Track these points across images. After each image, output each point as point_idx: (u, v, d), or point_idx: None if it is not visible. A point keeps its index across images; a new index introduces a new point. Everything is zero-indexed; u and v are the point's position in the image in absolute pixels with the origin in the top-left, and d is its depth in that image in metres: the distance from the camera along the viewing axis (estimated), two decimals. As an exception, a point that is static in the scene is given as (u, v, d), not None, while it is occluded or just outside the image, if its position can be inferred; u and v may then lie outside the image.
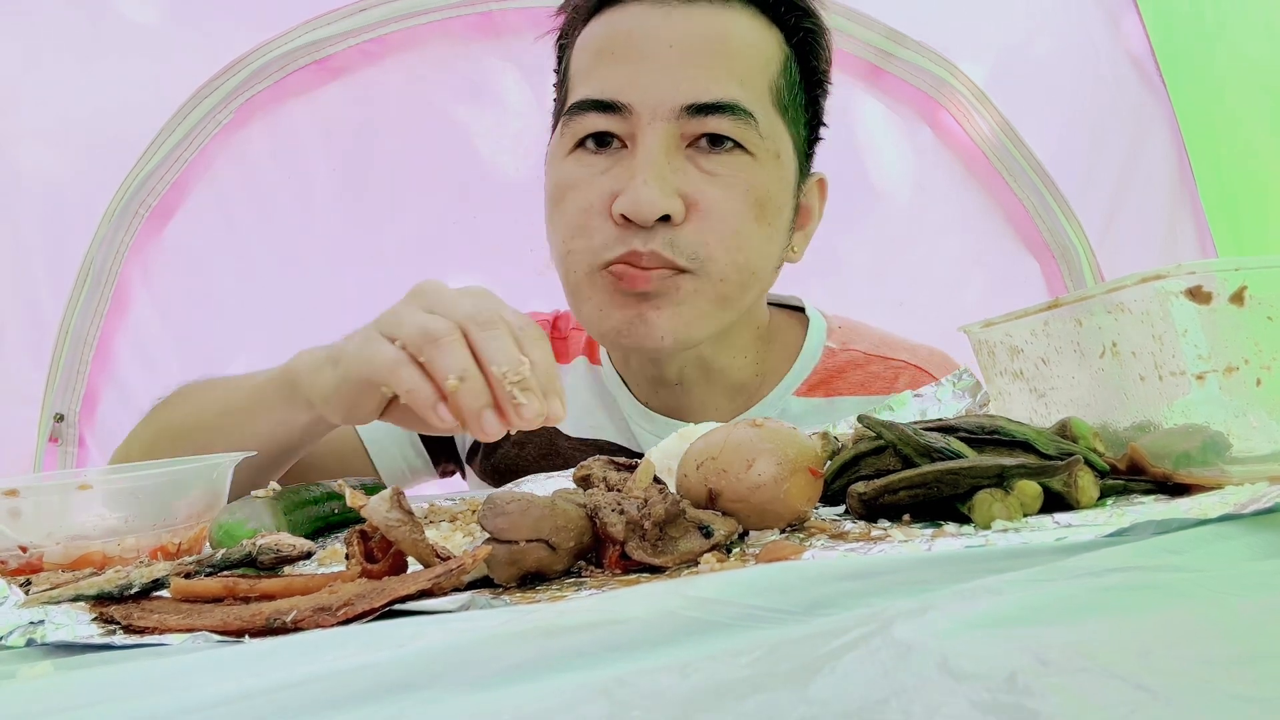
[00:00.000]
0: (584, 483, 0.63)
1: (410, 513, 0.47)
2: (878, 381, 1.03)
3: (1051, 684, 0.25)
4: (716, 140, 0.87)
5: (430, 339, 0.60)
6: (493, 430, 0.59)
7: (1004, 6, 1.95)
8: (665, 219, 0.85)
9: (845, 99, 1.92)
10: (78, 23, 1.80)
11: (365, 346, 0.64)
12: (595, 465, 0.65)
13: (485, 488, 1.10)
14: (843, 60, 1.91)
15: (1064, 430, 0.58)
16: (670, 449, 0.64)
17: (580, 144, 0.90)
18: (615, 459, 0.67)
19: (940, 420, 0.62)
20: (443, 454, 1.14)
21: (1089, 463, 0.54)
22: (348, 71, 1.89)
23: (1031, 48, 1.94)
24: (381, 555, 0.47)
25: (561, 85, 0.97)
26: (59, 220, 1.85)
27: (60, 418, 1.85)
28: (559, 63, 0.98)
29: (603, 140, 0.89)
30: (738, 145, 0.87)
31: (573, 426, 1.07)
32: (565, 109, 0.91)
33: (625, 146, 0.88)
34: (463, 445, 1.14)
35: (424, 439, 1.12)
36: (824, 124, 1.00)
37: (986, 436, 0.57)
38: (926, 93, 1.92)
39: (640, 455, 0.90)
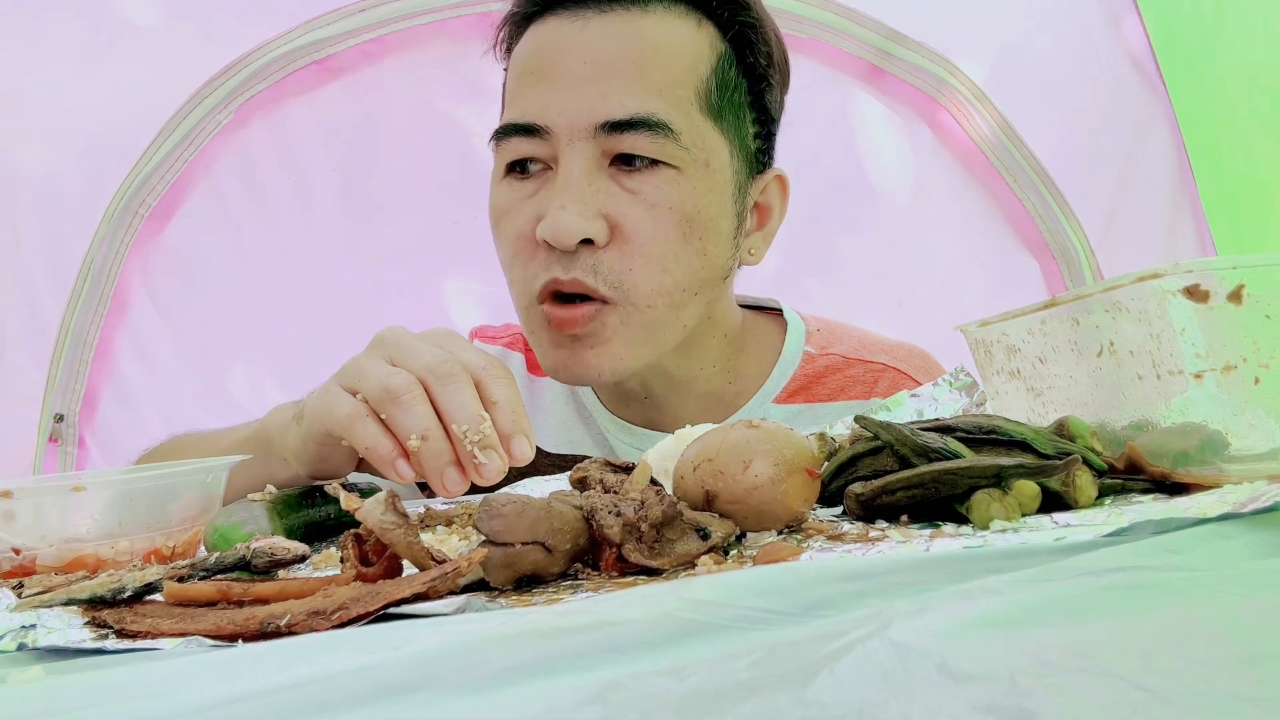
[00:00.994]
0: (581, 485, 0.63)
1: (405, 515, 0.47)
2: (857, 386, 1.02)
3: (1051, 684, 0.25)
4: (635, 159, 0.85)
5: (392, 396, 0.60)
6: (455, 488, 0.60)
7: (1004, 6, 1.95)
8: (588, 242, 0.84)
9: (845, 99, 1.92)
10: (78, 23, 1.80)
11: (325, 400, 0.65)
12: (592, 467, 0.65)
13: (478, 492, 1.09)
14: (842, 60, 1.91)
15: (1062, 430, 0.58)
16: (667, 450, 0.64)
17: (510, 169, 0.90)
18: (612, 461, 0.67)
19: (937, 420, 0.62)
20: None
21: (1087, 462, 0.54)
22: (348, 71, 1.89)
23: (1031, 47, 1.94)
24: (376, 558, 0.47)
25: (502, 101, 0.95)
26: (59, 220, 1.85)
27: (60, 418, 1.85)
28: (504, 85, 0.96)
29: (526, 166, 0.88)
30: (658, 161, 0.85)
31: (551, 442, 1.05)
32: (493, 132, 0.90)
33: (550, 169, 0.87)
34: None
35: None
36: (774, 119, 0.96)
37: (984, 436, 0.57)
38: (926, 93, 1.91)
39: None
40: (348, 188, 1.93)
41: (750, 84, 0.92)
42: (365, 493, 0.69)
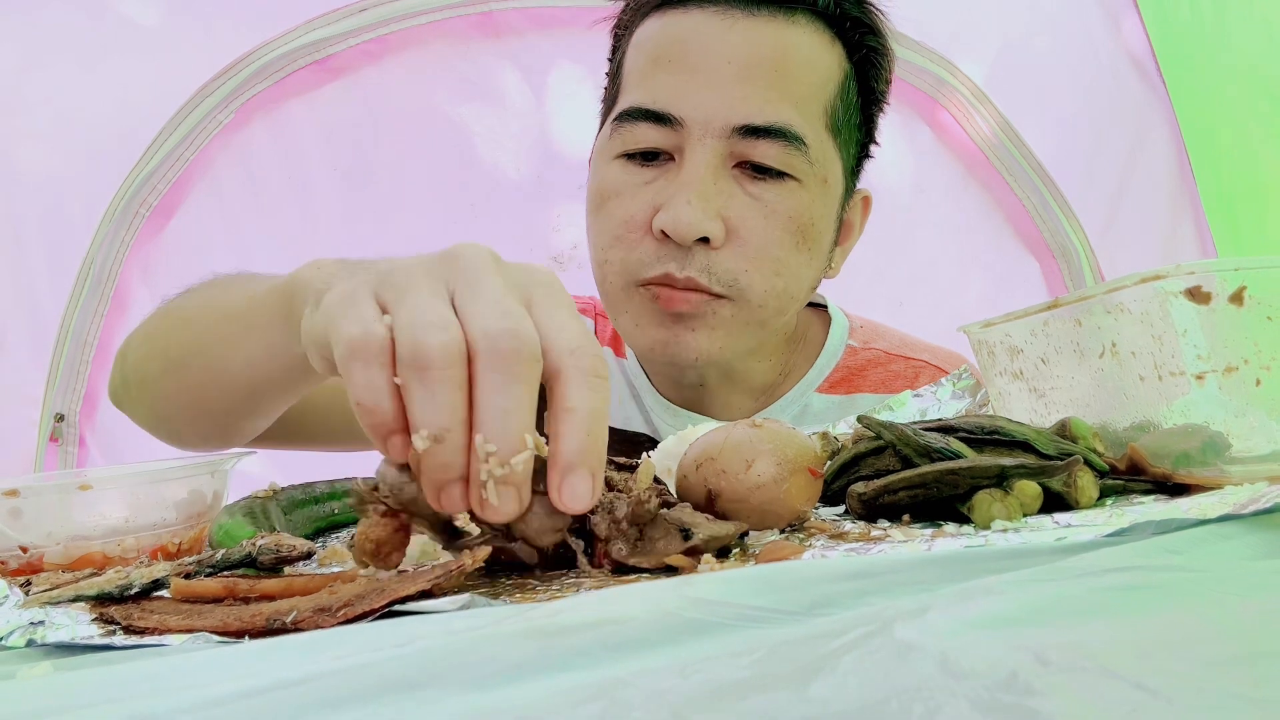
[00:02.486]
0: None
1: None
2: (899, 380, 1.04)
3: (1052, 684, 0.25)
4: (763, 169, 0.86)
5: (419, 363, 0.41)
6: (448, 507, 0.43)
7: (1003, 6, 1.95)
8: (704, 240, 0.85)
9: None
10: (78, 23, 1.81)
11: (345, 302, 0.46)
12: None
13: None
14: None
15: (1063, 430, 0.58)
16: (669, 450, 0.64)
17: (627, 154, 0.89)
18: (616, 459, 0.67)
19: (940, 420, 0.62)
20: None
21: (1089, 463, 0.54)
22: (348, 71, 1.89)
23: (1031, 47, 1.94)
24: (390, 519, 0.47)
25: (614, 78, 0.95)
26: (59, 220, 1.85)
27: (61, 417, 1.85)
28: (613, 52, 0.96)
29: (650, 155, 0.88)
30: (784, 172, 0.86)
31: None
32: (616, 112, 0.90)
33: (672, 159, 0.87)
34: None
35: None
36: (875, 142, 0.99)
37: (986, 437, 0.57)
38: (926, 92, 1.92)
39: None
40: (347, 187, 1.93)
41: (864, 106, 0.93)
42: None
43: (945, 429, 0.59)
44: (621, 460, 0.66)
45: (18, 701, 0.30)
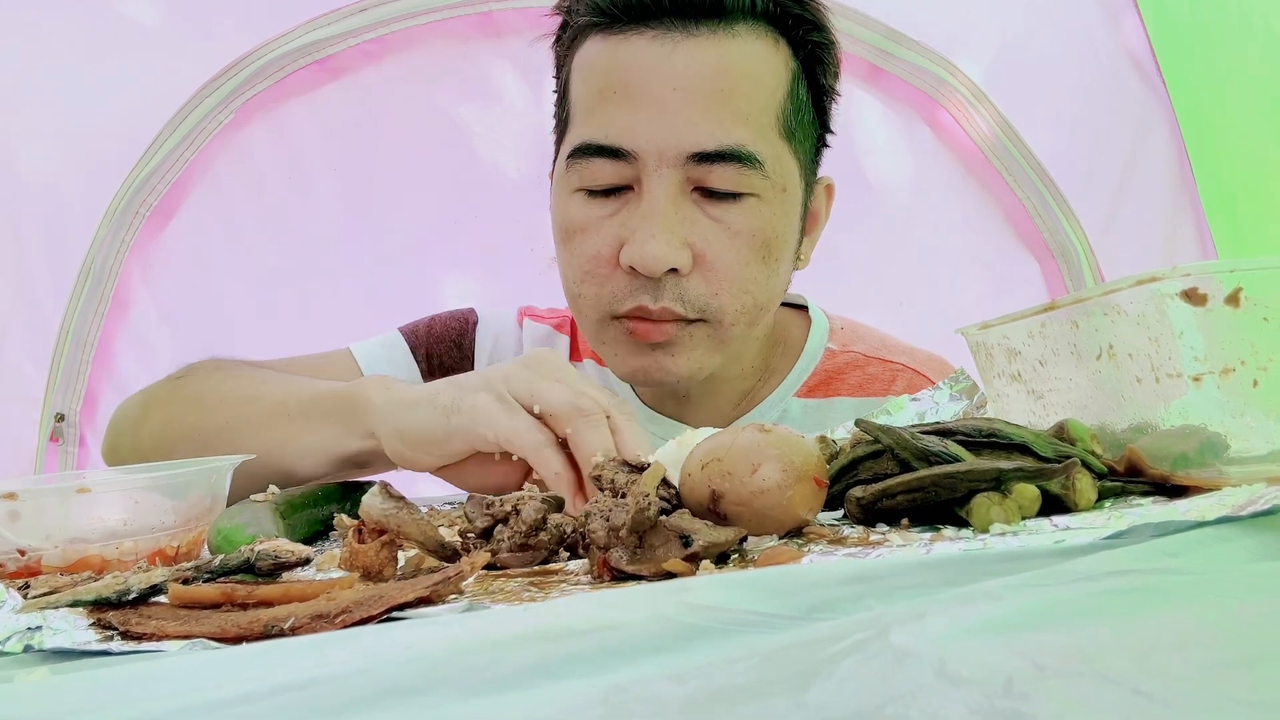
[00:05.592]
0: (597, 481, 0.64)
1: (402, 498, 0.48)
2: (875, 383, 1.04)
3: (1048, 689, 0.25)
4: (722, 194, 0.86)
5: (583, 413, 0.67)
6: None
7: (1003, 5, 1.95)
8: (673, 270, 0.86)
9: (844, 99, 1.92)
10: (78, 23, 1.81)
11: (501, 413, 0.69)
12: (608, 466, 0.65)
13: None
14: (842, 60, 1.91)
15: (1062, 432, 0.58)
16: (669, 456, 0.64)
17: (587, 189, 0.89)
18: (628, 459, 0.68)
19: (938, 424, 0.62)
20: None
21: (1086, 465, 0.54)
22: (348, 71, 1.89)
23: (1031, 46, 1.94)
24: (372, 539, 0.48)
25: (562, 100, 0.95)
26: (59, 220, 1.85)
27: (61, 417, 1.85)
28: (558, 70, 0.96)
29: (609, 190, 0.88)
30: (743, 192, 0.86)
31: None
32: (569, 148, 0.89)
33: (632, 189, 0.87)
34: None
35: None
36: (830, 131, 0.98)
37: (984, 440, 0.57)
38: (926, 92, 1.91)
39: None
40: (348, 188, 1.93)
41: (814, 99, 0.93)
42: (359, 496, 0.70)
43: (943, 432, 0.59)
44: (635, 462, 0.66)
45: (14, 706, 0.30)
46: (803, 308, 1.12)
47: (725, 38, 0.85)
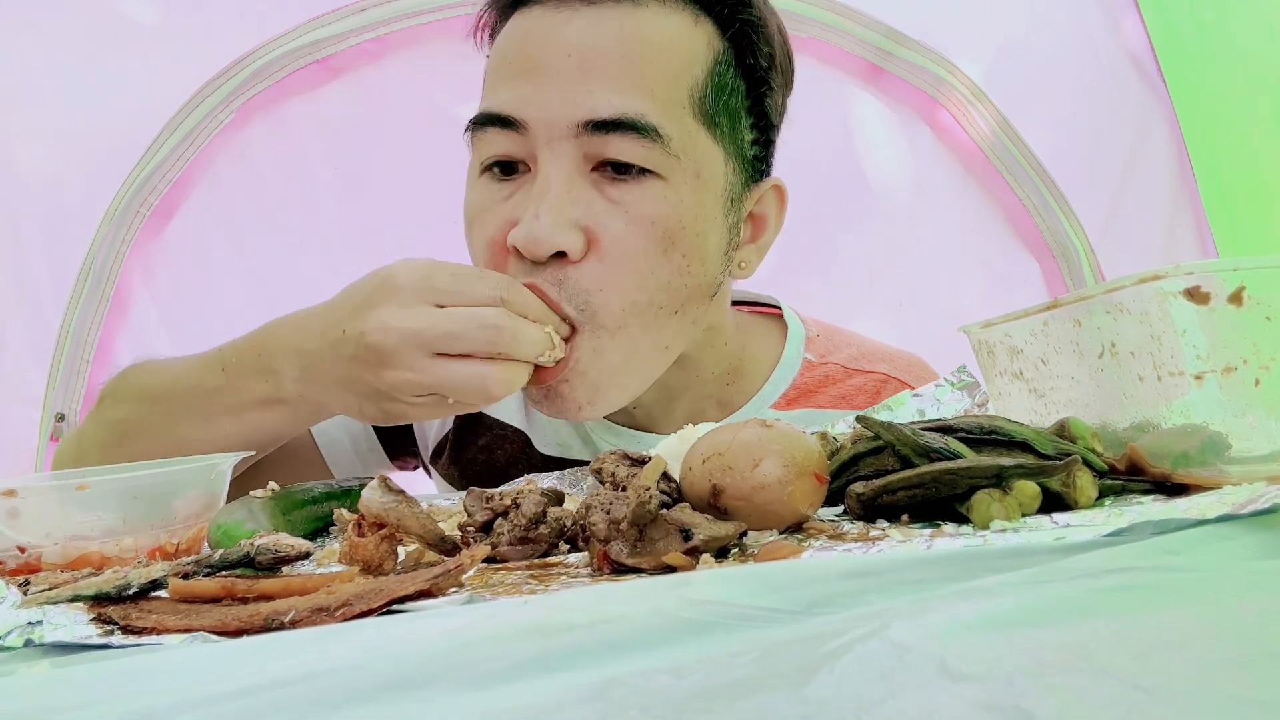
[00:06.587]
0: (598, 474, 0.64)
1: (401, 491, 0.48)
2: (860, 395, 0.99)
3: (1049, 685, 0.25)
4: (621, 168, 0.79)
5: (493, 331, 0.70)
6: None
7: (1003, 5, 1.95)
8: (561, 254, 0.78)
9: (843, 99, 1.92)
10: (78, 23, 1.80)
11: (447, 375, 0.70)
12: (609, 460, 0.65)
13: (450, 489, 1.06)
14: (841, 59, 1.91)
15: (1063, 430, 0.58)
16: (671, 449, 0.64)
17: (488, 168, 0.85)
18: (630, 453, 0.68)
19: (939, 420, 0.62)
20: (399, 447, 1.10)
21: (1087, 463, 0.54)
22: (349, 71, 1.89)
23: (1030, 47, 1.93)
24: (371, 533, 0.48)
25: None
26: (60, 220, 1.85)
27: (61, 417, 1.85)
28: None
29: (508, 168, 0.83)
30: (645, 170, 0.79)
31: (541, 442, 1.02)
32: (467, 122, 0.85)
33: (530, 170, 0.82)
34: (425, 444, 1.09)
35: (379, 432, 1.08)
36: (775, 125, 0.90)
37: (985, 436, 0.57)
38: (925, 92, 1.91)
39: None
40: (348, 187, 1.93)
41: (749, 87, 0.86)
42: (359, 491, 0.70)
43: (944, 429, 0.59)
44: (636, 455, 0.66)
45: (15, 700, 0.30)
46: (774, 310, 1.05)
47: (630, 8, 0.80)
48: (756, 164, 0.89)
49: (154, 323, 1.91)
